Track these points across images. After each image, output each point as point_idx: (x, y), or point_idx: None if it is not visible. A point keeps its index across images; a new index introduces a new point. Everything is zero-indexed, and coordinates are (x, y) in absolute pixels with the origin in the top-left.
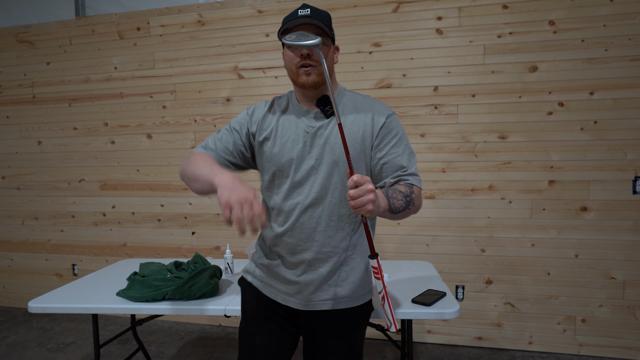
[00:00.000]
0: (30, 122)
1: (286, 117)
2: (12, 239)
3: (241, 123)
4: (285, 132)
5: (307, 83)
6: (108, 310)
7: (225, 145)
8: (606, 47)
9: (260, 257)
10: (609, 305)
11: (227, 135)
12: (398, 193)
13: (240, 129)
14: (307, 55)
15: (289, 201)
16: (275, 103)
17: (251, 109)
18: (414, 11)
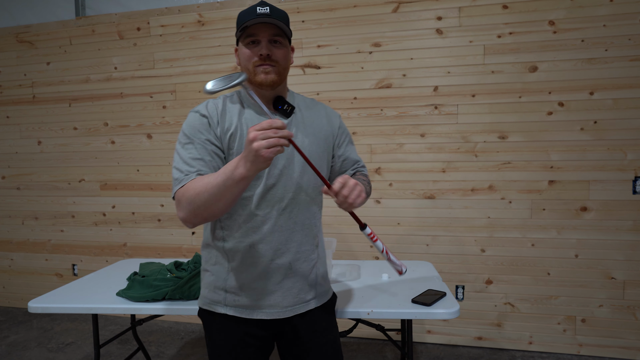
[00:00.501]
0: (30, 122)
1: (246, 115)
2: (12, 239)
3: (203, 130)
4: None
5: (265, 82)
6: (108, 310)
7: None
8: (606, 47)
9: (225, 280)
10: (609, 305)
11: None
12: (363, 180)
13: (207, 137)
14: (266, 56)
15: (263, 205)
16: (226, 100)
17: (203, 111)
18: (414, 11)
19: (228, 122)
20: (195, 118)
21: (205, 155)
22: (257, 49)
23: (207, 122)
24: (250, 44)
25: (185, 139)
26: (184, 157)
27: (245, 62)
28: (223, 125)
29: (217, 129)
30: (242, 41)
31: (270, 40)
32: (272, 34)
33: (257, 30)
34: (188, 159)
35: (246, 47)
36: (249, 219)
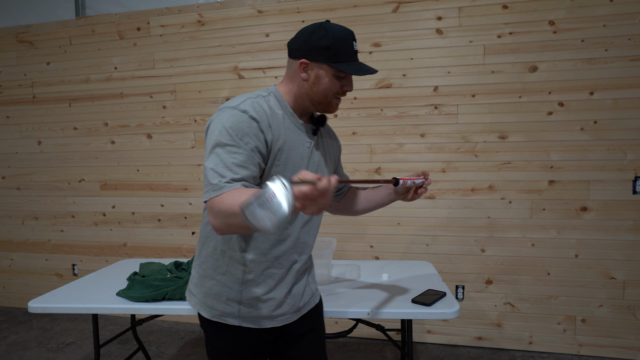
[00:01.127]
0: (30, 122)
1: (288, 127)
2: (12, 239)
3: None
4: (293, 144)
5: (334, 112)
6: (108, 310)
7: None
8: (606, 47)
9: (240, 292)
10: (609, 305)
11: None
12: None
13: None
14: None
15: (294, 218)
16: (271, 107)
17: (252, 112)
18: (413, 11)
19: (277, 131)
20: (243, 119)
21: (250, 164)
22: (344, 83)
23: (257, 127)
24: (339, 76)
25: (229, 139)
26: (226, 161)
27: (326, 90)
28: (274, 133)
29: (268, 135)
30: (332, 70)
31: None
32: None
33: None
34: (231, 165)
35: (334, 78)
36: (279, 233)
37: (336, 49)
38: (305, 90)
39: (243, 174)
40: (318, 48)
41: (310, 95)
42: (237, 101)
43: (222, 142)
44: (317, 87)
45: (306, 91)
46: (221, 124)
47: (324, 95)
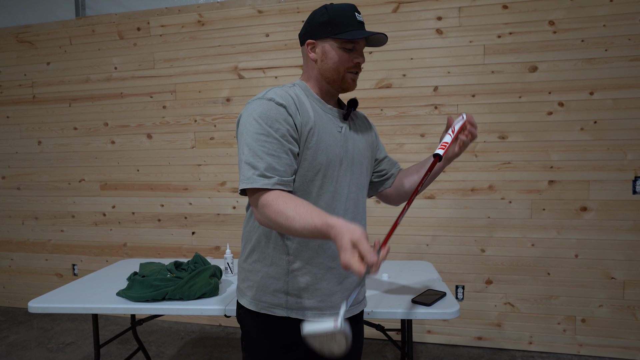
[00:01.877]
0: (30, 122)
1: (317, 112)
2: (12, 239)
3: (281, 120)
4: (324, 127)
5: (351, 88)
6: (108, 310)
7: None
8: (606, 47)
9: (286, 283)
10: (608, 305)
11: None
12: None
13: (286, 129)
14: (360, 64)
15: (334, 204)
16: (297, 95)
17: (279, 99)
18: (413, 11)
19: (306, 115)
20: (270, 107)
21: (281, 152)
22: (353, 55)
23: (285, 111)
24: (346, 48)
25: (258, 128)
26: (257, 151)
27: (337, 65)
28: (302, 116)
29: (296, 119)
30: (337, 43)
31: (364, 47)
32: (365, 45)
33: (358, 40)
34: (263, 154)
35: (342, 50)
36: None
37: (337, 21)
38: (318, 71)
39: (276, 165)
40: (320, 25)
41: (323, 74)
42: (262, 93)
43: (253, 130)
44: (326, 64)
45: (319, 71)
46: (250, 115)
47: (335, 70)
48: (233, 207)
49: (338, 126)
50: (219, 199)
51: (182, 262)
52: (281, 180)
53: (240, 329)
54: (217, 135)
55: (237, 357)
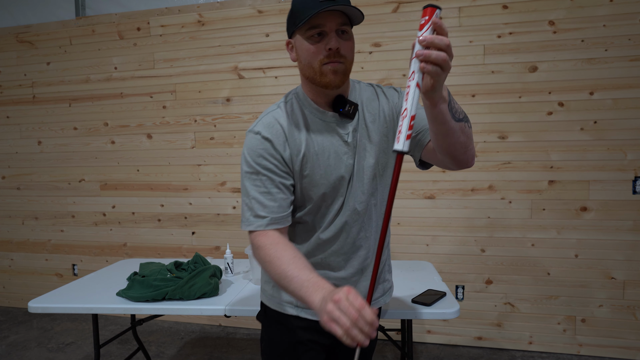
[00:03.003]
0: (30, 122)
1: (316, 128)
2: (12, 239)
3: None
4: (322, 147)
5: (334, 84)
6: (108, 310)
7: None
8: (606, 47)
9: None
10: (608, 305)
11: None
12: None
13: (273, 165)
14: (336, 51)
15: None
16: (287, 113)
17: (265, 132)
18: (413, 11)
19: (297, 143)
20: (256, 142)
21: (272, 187)
22: (323, 43)
23: (270, 146)
24: (313, 36)
25: (248, 167)
26: (250, 191)
27: (309, 59)
28: (293, 147)
29: (284, 152)
30: (302, 34)
31: (338, 31)
32: (339, 23)
33: (322, 20)
34: (257, 194)
35: (309, 41)
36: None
37: (299, 9)
38: (301, 72)
39: (268, 202)
40: (289, 20)
41: (304, 73)
42: (257, 121)
43: (245, 170)
44: (303, 61)
45: (302, 72)
46: (243, 151)
47: (309, 66)
48: (233, 207)
49: (344, 134)
50: (219, 199)
51: (182, 262)
52: (274, 219)
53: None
54: (217, 135)
55: (237, 357)
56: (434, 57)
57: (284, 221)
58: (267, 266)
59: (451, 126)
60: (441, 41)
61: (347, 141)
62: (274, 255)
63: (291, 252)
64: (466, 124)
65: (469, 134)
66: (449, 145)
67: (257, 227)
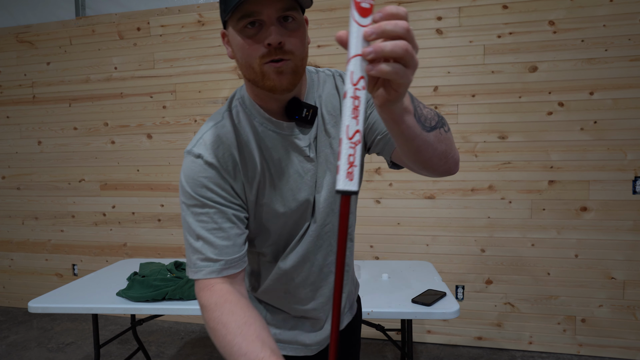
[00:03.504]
0: (30, 122)
1: (267, 144)
2: (12, 239)
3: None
4: (281, 167)
5: (279, 87)
6: (108, 310)
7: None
8: (606, 47)
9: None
10: (608, 305)
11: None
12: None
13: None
14: (278, 46)
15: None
16: (234, 127)
17: (208, 157)
18: (413, 11)
19: (251, 167)
20: (197, 168)
21: (223, 222)
22: (261, 36)
23: (216, 174)
24: (247, 27)
25: (189, 199)
26: (195, 229)
27: (246, 58)
28: (245, 172)
29: (235, 181)
30: (234, 24)
31: (280, 19)
32: (281, 9)
33: (257, 5)
34: (203, 232)
35: (242, 35)
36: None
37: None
38: (241, 71)
39: (220, 242)
40: (220, 8)
41: (244, 74)
42: (196, 138)
43: (185, 202)
44: (240, 60)
45: (241, 72)
46: (182, 179)
47: (248, 65)
48: None
49: (305, 147)
50: None
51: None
52: (228, 262)
53: None
54: None
55: None
56: (389, 50)
57: (240, 263)
58: (211, 333)
59: (423, 139)
60: (395, 26)
61: (309, 156)
62: (218, 320)
63: (240, 316)
64: (441, 129)
65: (447, 140)
66: (424, 160)
67: (210, 273)
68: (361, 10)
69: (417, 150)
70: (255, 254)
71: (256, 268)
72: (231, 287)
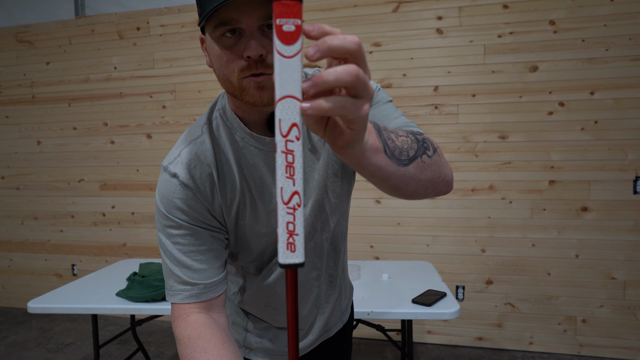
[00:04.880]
0: (29, 122)
1: (248, 161)
2: (12, 239)
3: (187, 208)
4: (263, 186)
5: (259, 102)
6: (108, 311)
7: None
8: (607, 46)
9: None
10: (609, 306)
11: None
12: (397, 131)
13: (197, 219)
14: (259, 58)
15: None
16: (213, 142)
17: (183, 177)
18: (414, 11)
19: (230, 187)
20: (172, 188)
21: (200, 244)
22: (240, 47)
23: (192, 196)
24: (225, 37)
25: (164, 219)
26: (172, 251)
27: (223, 70)
28: (224, 193)
29: (212, 203)
30: (210, 32)
31: (262, 29)
32: (262, 17)
33: (236, 13)
34: (179, 255)
35: (219, 44)
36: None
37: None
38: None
39: (199, 266)
40: (198, 13)
41: (221, 84)
42: (174, 152)
43: (160, 222)
44: (217, 71)
45: (220, 83)
46: (157, 196)
47: (226, 78)
48: None
49: None
50: None
51: None
52: (207, 286)
53: None
54: None
55: None
56: (333, 79)
57: (219, 287)
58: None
59: (401, 175)
60: (344, 41)
61: None
62: (190, 358)
63: (213, 355)
64: (424, 157)
65: (434, 165)
66: (408, 194)
67: (187, 298)
68: (283, 36)
69: (396, 187)
70: (239, 267)
71: (241, 280)
72: (207, 318)
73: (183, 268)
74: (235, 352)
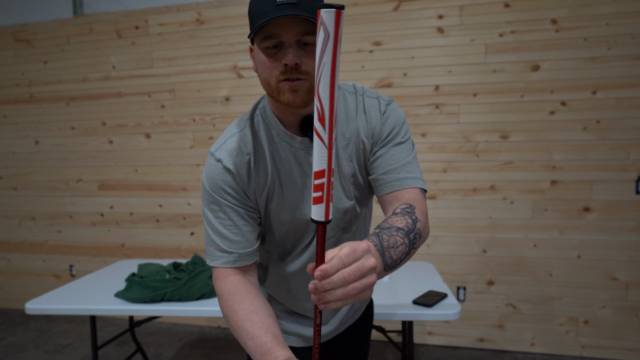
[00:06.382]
0: (27, 122)
1: (280, 154)
2: (9, 239)
3: (228, 189)
4: (290, 179)
5: (293, 104)
6: (106, 312)
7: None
8: (609, 46)
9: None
10: (611, 307)
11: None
12: (397, 234)
13: (234, 199)
14: (294, 66)
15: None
16: (254, 136)
17: (227, 162)
18: (414, 10)
19: (263, 175)
20: (216, 171)
21: (238, 219)
22: (280, 56)
23: (232, 180)
24: (269, 48)
25: (209, 197)
26: (214, 223)
27: (265, 74)
28: (257, 180)
29: (248, 187)
30: (258, 43)
31: (299, 42)
32: (300, 33)
33: (279, 29)
34: (220, 227)
35: (264, 53)
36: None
37: (253, 11)
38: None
39: (235, 237)
40: (250, 22)
41: (264, 88)
42: (220, 141)
43: (205, 198)
44: (260, 75)
45: (262, 86)
46: (204, 177)
47: (267, 81)
48: None
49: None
50: None
51: (181, 263)
52: (242, 255)
53: None
54: (216, 135)
55: (236, 359)
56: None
57: (252, 256)
58: (225, 319)
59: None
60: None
61: None
62: (230, 307)
63: (249, 304)
64: (411, 252)
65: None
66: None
67: (224, 263)
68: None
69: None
70: (265, 251)
71: (265, 263)
72: (243, 278)
73: (222, 238)
74: (265, 303)
